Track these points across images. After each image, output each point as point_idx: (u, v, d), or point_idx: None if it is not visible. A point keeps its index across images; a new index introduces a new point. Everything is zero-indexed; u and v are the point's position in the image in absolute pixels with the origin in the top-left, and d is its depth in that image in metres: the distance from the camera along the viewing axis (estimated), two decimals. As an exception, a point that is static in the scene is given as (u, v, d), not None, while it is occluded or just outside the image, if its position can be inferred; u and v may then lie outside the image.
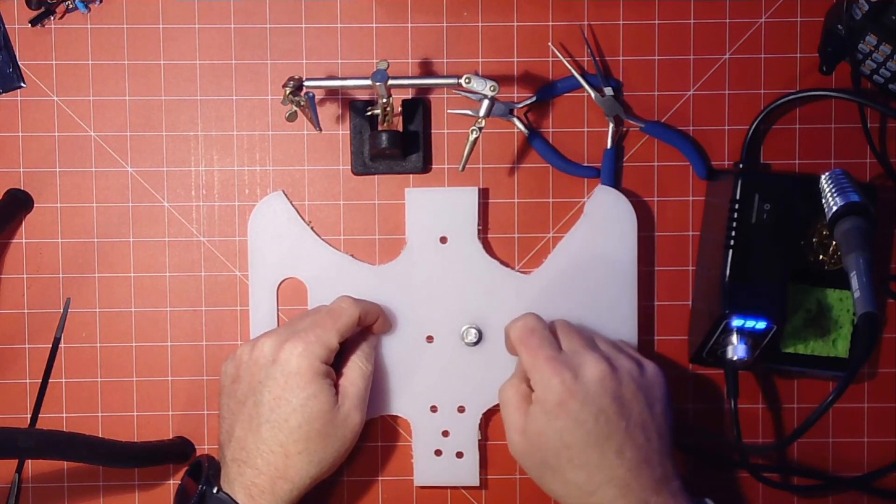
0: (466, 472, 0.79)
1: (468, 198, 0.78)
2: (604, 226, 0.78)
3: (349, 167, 0.79)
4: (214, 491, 0.71)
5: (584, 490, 0.69)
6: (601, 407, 0.69)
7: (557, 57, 0.79)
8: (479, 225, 0.78)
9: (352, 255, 0.79)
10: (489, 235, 0.79)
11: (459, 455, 0.79)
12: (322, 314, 0.74)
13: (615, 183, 0.79)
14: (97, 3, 0.79)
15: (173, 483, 0.80)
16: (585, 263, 0.78)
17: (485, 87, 0.71)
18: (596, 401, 0.69)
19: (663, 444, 0.70)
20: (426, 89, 0.79)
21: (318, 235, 0.79)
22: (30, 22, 0.79)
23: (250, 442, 0.71)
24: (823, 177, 0.74)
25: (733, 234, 0.74)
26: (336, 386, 0.73)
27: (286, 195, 0.79)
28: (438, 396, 0.78)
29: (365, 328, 0.76)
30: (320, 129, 0.77)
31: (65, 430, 0.72)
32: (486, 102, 0.73)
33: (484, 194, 0.79)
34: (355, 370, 0.74)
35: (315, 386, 0.71)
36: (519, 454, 0.72)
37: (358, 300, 0.75)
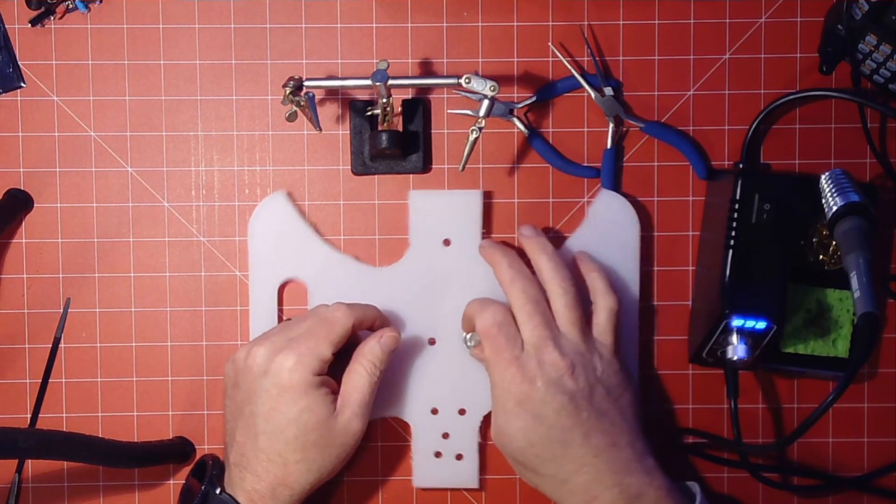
0: (466, 475, 0.79)
1: (472, 201, 0.78)
2: (606, 231, 0.78)
3: (349, 167, 0.79)
4: (217, 492, 0.72)
5: (558, 479, 0.71)
6: (561, 403, 0.70)
7: (557, 57, 0.79)
8: (482, 228, 0.78)
9: (354, 257, 0.79)
10: (490, 236, 0.79)
11: (459, 457, 0.79)
12: (316, 323, 0.73)
13: (615, 183, 0.79)
14: (97, 3, 0.79)
15: (173, 483, 0.80)
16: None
17: (485, 87, 0.71)
18: (556, 398, 0.70)
19: (630, 426, 0.72)
20: (426, 89, 0.79)
21: (321, 236, 0.79)
22: (30, 22, 0.79)
23: (249, 449, 0.71)
24: (823, 177, 0.74)
25: (733, 234, 0.74)
26: (337, 391, 0.73)
27: (288, 196, 0.79)
28: (439, 398, 0.78)
29: (379, 329, 0.75)
30: (320, 129, 0.77)
31: (65, 430, 0.72)
32: (486, 102, 0.73)
33: (485, 196, 0.79)
34: (362, 376, 0.73)
35: (309, 399, 0.70)
36: (497, 445, 0.74)
37: (352, 306, 0.74)
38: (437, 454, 0.79)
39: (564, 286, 0.73)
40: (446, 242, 0.78)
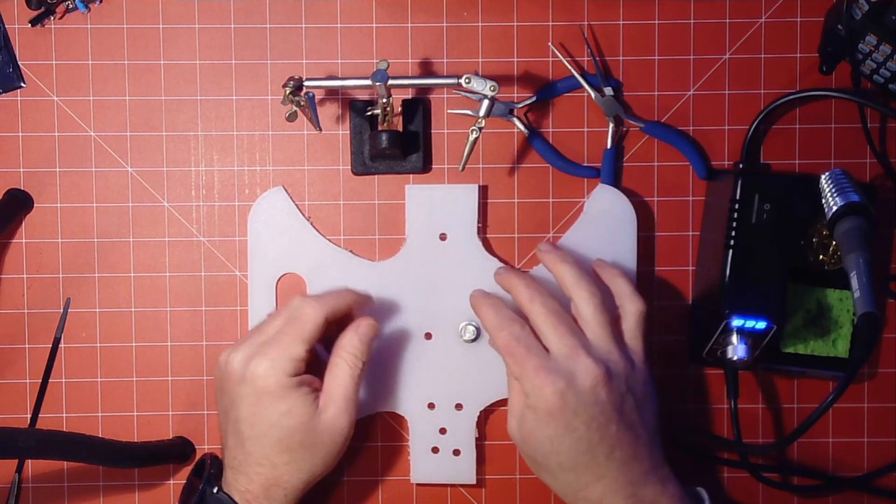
0: (463, 470, 0.79)
1: (468, 195, 0.78)
2: (603, 225, 0.78)
3: (349, 167, 0.79)
4: (215, 491, 0.72)
5: (574, 487, 0.70)
6: (592, 415, 0.68)
7: (557, 57, 0.79)
8: (479, 222, 0.78)
9: (351, 251, 0.79)
10: (489, 235, 0.79)
11: (456, 453, 0.79)
12: (286, 322, 0.72)
13: (615, 183, 0.79)
14: (97, 3, 0.79)
15: (173, 483, 0.80)
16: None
17: (485, 87, 0.71)
18: (588, 409, 0.68)
19: (651, 437, 0.71)
20: (426, 89, 0.79)
21: (318, 231, 0.79)
22: (30, 22, 0.79)
23: (239, 453, 0.71)
24: (823, 177, 0.74)
25: (733, 234, 0.74)
26: (320, 388, 0.72)
27: (286, 190, 0.79)
28: (436, 393, 0.78)
29: (360, 313, 0.75)
30: (320, 129, 0.77)
31: (65, 430, 0.72)
32: (486, 102, 0.73)
33: (484, 193, 0.79)
34: (343, 370, 0.72)
35: (288, 402, 0.70)
36: (513, 438, 0.72)
37: (321, 299, 0.73)
38: (435, 449, 0.79)
39: (591, 290, 0.72)
40: (442, 237, 0.78)
